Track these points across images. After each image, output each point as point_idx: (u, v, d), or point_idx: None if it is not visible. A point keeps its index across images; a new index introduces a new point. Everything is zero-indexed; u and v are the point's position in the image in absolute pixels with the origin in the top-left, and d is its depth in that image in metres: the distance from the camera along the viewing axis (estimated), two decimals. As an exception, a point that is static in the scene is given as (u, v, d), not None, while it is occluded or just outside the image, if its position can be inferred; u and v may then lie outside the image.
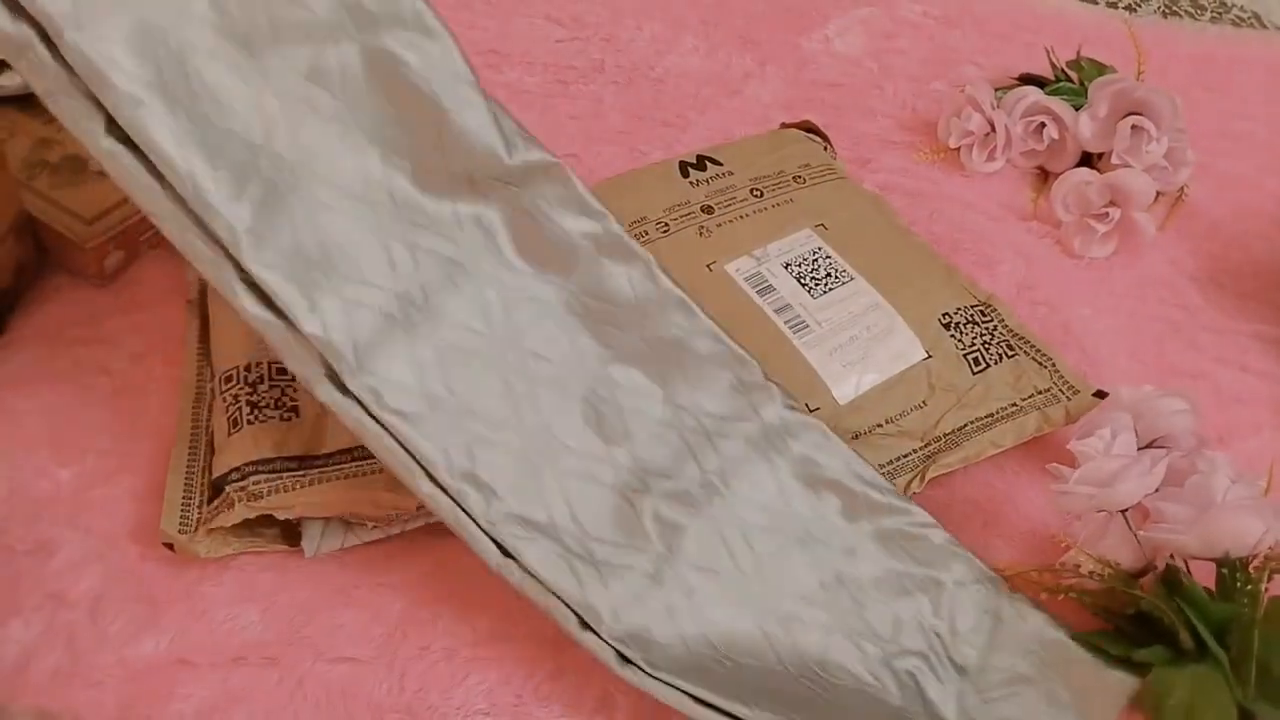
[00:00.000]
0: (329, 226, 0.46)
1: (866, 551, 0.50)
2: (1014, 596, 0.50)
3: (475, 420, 0.47)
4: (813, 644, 0.48)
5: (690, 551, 0.48)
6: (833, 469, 0.51)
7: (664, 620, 0.46)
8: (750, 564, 0.49)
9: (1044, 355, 0.60)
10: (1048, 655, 0.49)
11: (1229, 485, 0.48)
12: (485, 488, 0.46)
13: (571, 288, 0.51)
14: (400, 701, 0.46)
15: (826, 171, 0.67)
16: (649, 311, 0.52)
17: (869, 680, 0.47)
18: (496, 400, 0.48)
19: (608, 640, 0.45)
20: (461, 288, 0.49)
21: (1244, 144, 0.81)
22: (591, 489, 0.48)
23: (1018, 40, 0.88)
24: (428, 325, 0.47)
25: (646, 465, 0.49)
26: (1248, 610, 0.46)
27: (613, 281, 0.51)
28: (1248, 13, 0.95)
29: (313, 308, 0.44)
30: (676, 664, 0.45)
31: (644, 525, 0.48)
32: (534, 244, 0.51)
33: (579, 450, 0.49)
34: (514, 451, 0.47)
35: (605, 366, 0.51)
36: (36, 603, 0.48)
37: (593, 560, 0.46)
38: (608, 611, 0.45)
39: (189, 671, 0.47)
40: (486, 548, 0.45)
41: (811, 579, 0.49)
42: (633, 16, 0.88)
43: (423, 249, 0.48)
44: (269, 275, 0.43)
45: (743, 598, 0.48)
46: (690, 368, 0.52)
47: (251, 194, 0.44)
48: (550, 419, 0.49)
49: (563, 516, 0.47)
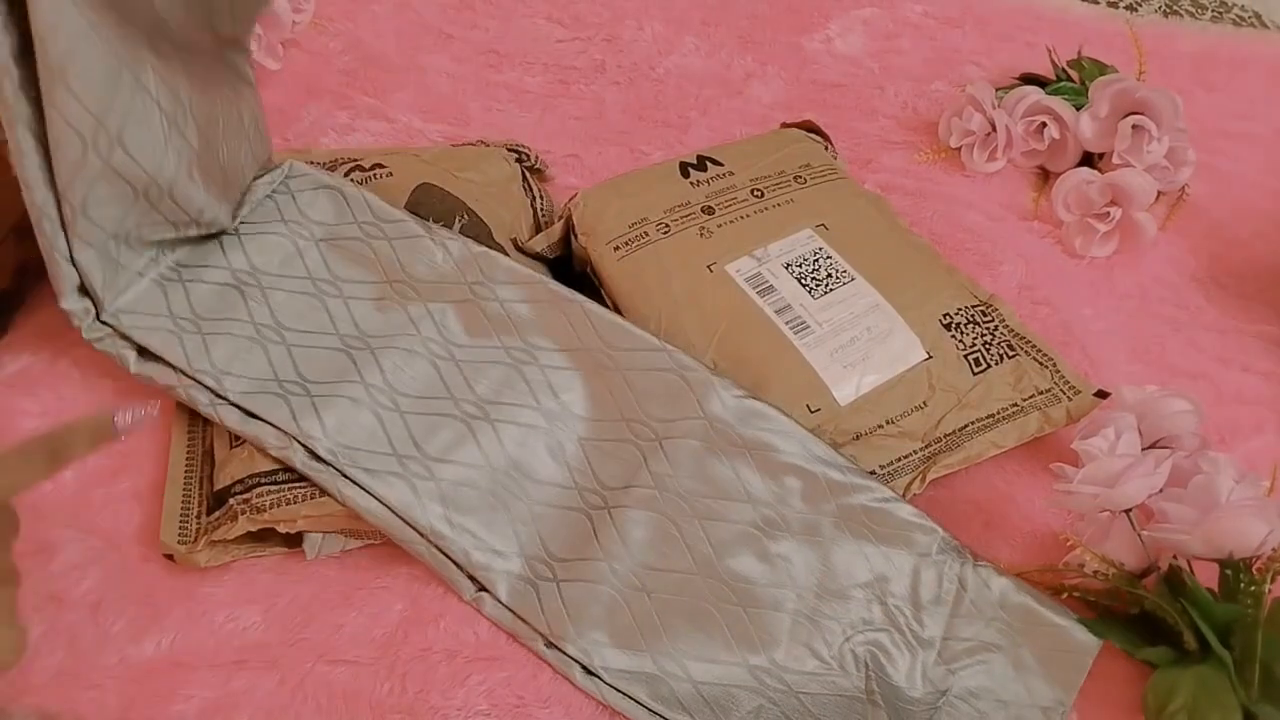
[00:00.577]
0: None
1: (827, 532, 0.50)
2: (978, 563, 0.51)
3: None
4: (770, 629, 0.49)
5: (644, 553, 0.49)
6: (789, 453, 0.52)
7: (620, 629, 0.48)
8: (705, 557, 0.50)
9: (1045, 355, 0.60)
10: (1014, 620, 0.49)
11: (1233, 486, 0.48)
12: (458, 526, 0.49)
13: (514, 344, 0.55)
14: (402, 702, 0.46)
15: (827, 172, 0.67)
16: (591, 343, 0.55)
17: (826, 660, 0.48)
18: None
19: (571, 655, 0.47)
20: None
21: (1245, 144, 0.81)
22: (554, 513, 0.51)
23: (1019, 40, 0.88)
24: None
25: (604, 482, 0.52)
26: (1251, 611, 0.46)
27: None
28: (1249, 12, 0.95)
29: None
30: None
31: (600, 537, 0.50)
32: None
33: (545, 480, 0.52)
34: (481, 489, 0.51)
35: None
36: (38, 604, 0.48)
37: (554, 577, 0.49)
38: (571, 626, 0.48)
39: (190, 673, 0.47)
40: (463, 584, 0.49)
41: (768, 566, 0.50)
42: (634, 17, 0.88)
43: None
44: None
45: (697, 593, 0.49)
46: (636, 381, 0.54)
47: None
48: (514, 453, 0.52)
49: (529, 541, 0.50)
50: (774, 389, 0.55)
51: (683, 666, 0.47)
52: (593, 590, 0.48)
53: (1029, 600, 0.50)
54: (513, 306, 0.56)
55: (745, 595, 0.49)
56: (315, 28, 0.82)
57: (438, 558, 0.49)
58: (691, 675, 0.47)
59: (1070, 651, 0.49)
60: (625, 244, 0.61)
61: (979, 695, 0.48)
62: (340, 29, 0.84)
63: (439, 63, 0.82)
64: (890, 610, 0.49)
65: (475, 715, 0.46)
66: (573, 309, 0.56)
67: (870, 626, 0.49)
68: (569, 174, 0.74)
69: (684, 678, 0.47)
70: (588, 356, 0.55)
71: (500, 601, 0.48)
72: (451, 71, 0.82)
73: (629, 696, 0.46)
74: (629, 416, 0.53)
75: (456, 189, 0.64)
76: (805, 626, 0.49)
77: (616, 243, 0.61)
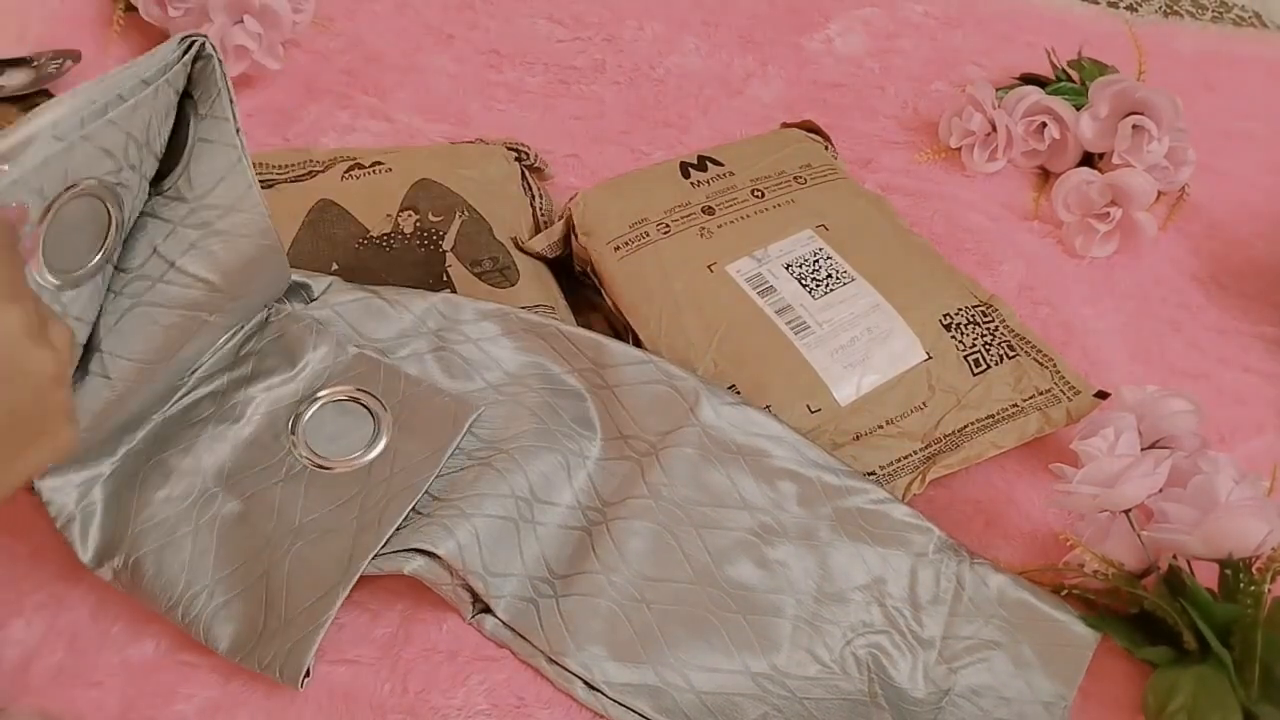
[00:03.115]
0: None
1: (824, 535, 0.50)
2: (975, 561, 0.51)
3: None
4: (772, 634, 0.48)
5: (642, 564, 0.49)
6: (783, 458, 0.52)
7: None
8: (703, 566, 0.49)
9: (1045, 356, 0.60)
10: (1012, 617, 0.49)
11: (1232, 486, 0.48)
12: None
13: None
14: (403, 703, 0.46)
15: (828, 172, 0.67)
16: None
17: (828, 664, 0.48)
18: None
19: (572, 670, 0.47)
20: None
21: (1245, 144, 0.81)
22: (559, 532, 0.51)
23: (1019, 40, 0.88)
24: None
25: (604, 498, 0.51)
26: (1251, 611, 0.46)
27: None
28: (1249, 12, 0.95)
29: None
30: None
31: (597, 549, 0.49)
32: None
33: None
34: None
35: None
36: (38, 603, 0.48)
37: (554, 593, 0.49)
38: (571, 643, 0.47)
39: (190, 672, 0.46)
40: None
41: (767, 572, 0.50)
42: (634, 17, 0.87)
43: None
44: None
45: (696, 602, 0.49)
46: (626, 396, 0.53)
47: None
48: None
49: (533, 562, 0.49)
50: (774, 389, 0.55)
51: (685, 677, 0.47)
52: (591, 604, 0.48)
53: (1027, 596, 0.50)
54: (487, 345, 0.55)
55: (745, 602, 0.49)
56: (316, 27, 0.82)
57: (438, 574, 0.48)
58: (694, 685, 0.47)
59: (1070, 646, 0.49)
60: (625, 244, 0.61)
61: (981, 693, 0.48)
62: (341, 29, 0.84)
63: (439, 63, 0.82)
64: (889, 611, 0.49)
65: (476, 715, 0.46)
66: (548, 331, 0.55)
67: (870, 629, 0.49)
68: (569, 174, 0.74)
69: (687, 688, 0.47)
70: (580, 378, 0.54)
71: (500, 620, 0.48)
72: (452, 71, 0.81)
73: (632, 710, 0.46)
74: (626, 433, 0.53)
75: (456, 186, 0.64)
76: (806, 631, 0.48)
77: (617, 243, 0.61)
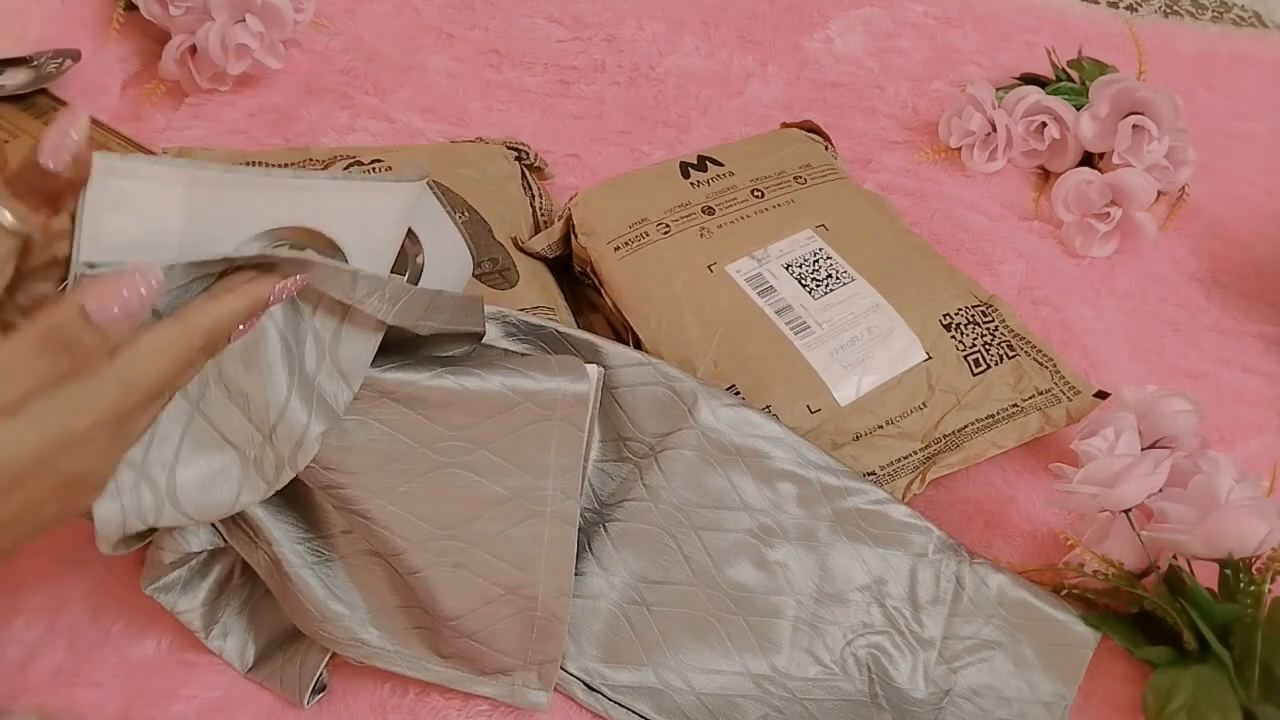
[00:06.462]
0: None
1: (823, 536, 0.50)
2: (975, 561, 0.51)
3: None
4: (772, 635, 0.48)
5: (642, 566, 0.49)
6: (782, 459, 0.51)
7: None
8: (703, 567, 0.49)
9: (1045, 356, 0.60)
10: (1013, 617, 0.50)
11: (1232, 486, 0.48)
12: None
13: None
14: (403, 702, 0.46)
15: (827, 172, 0.67)
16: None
17: (828, 664, 0.48)
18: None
19: (572, 673, 0.47)
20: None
21: (1245, 144, 0.81)
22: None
23: (1019, 40, 0.88)
24: None
25: (602, 500, 0.51)
26: (1251, 611, 0.46)
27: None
28: (1249, 12, 0.96)
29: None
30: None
31: (595, 551, 0.49)
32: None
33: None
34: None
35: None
36: (39, 603, 0.48)
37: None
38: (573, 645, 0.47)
39: (191, 671, 0.47)
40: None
41: (766, 573, 0.50)
42: (634, 17, 0.88)
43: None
44: None
45: (696, 604, 0.49)
46: (625, 398, 0.53)
47: None
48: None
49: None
50: (774, 389, 0.55)
51: (685, 679, 0.47)
52: (591, 606, 0.48)
53: (1026, 595, 0.50)
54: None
55: (744, 604, 0.49)
56: (316, 27, 0.82)
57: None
58: (694, 687, 0.47)
59: (1070, 645, 0.49)
60: (625, 244, 0.61)
61: (981, 693, 0.48)
62: (341, 28, 0.84)
63: (439, 62, 0.82)
64: (889, 612, 0.50)
65: (476, 715, 0.46)
66: (546, 333, 0.54)
67: (870, 629, 0.49)
68: (569, 174, 0.74)
69: (687, 690, 0.47)
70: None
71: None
72: (452, 71, 0.82)
73: (632, 711, 0.46)
74: (624, 436, 0.52)
75: (456, 185, 0.64)
76: (806, 632, 0.49)
77: (617, 243, 0.61)
